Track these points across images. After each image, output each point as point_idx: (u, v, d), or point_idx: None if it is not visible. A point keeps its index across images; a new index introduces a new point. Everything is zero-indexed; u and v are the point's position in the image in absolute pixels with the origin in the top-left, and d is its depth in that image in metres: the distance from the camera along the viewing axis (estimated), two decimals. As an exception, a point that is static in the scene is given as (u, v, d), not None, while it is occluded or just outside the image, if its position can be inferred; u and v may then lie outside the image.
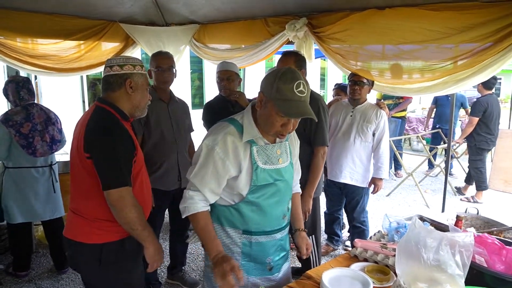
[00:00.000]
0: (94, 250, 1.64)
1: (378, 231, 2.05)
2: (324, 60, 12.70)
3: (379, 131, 3.12)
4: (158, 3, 3.95)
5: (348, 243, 3.76)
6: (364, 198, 3.31)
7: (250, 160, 1.50)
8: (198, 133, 3.04)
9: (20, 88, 2.93)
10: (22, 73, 4.21)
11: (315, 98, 2.37)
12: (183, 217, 1.54)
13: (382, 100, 5.71)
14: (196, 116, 2.96)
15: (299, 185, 1.89)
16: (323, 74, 14.07)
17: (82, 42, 3.92)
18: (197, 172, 1.51)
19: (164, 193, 2.67)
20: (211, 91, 8.62)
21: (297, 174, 1.81)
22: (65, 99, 6.48)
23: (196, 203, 1.51)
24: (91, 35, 3.88)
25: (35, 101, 3.06)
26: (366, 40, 3.02)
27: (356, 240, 1.81)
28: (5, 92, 2.97)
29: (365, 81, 3.07)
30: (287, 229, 1.73)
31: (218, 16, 4.03)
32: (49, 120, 3.04)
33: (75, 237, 1.68)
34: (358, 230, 3.35)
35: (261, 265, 1.62)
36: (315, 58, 3.84)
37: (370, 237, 2.02)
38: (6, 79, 3.68)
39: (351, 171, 3.18)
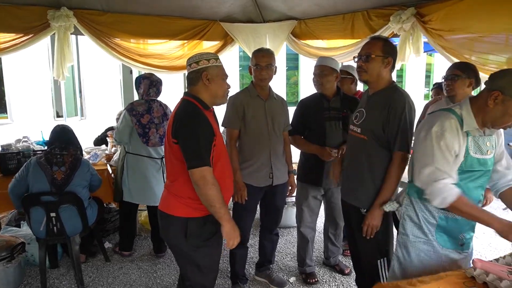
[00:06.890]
0: (181, 223, 1.88)
1: (510, 254, 1.72)
2: (430, 55, 11.66)
3: None
4: (257, 1, 3.99)
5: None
6: None
7: (465, 148, 1.68)
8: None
9: (152, 86, 3.25)
10: (135, 71, 4.62)
11: (401, 95, 2.05)
12: (442, 207, 1.69)
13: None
14: (292, 114, 2.89)
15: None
16: (428, 71, 12.92)
17: (185, 41, 4.18)
18: (438, 158, 1.66)
19: (256, 189, 2.66)
20: (307, 89, 8.51)
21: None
22: (170, 96, 7.00)
23: (452, 189, 1.64)
24: (193, 34, 4.12)
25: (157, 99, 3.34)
26: (488, 27, 2.62)
27: (475, 259, 1.52)
28: (138, 85, 3.30)
29: (459, 73, 2.57)
30: None
31: (318, 11, 3.93)
32: (165, 115, 3.30)
33: (166, 209, 1.93)
34: None
35: (454, 240, 1.80)
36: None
37: (497, 259, 1.71)
38: (122, 75, 4.07)
39: None
